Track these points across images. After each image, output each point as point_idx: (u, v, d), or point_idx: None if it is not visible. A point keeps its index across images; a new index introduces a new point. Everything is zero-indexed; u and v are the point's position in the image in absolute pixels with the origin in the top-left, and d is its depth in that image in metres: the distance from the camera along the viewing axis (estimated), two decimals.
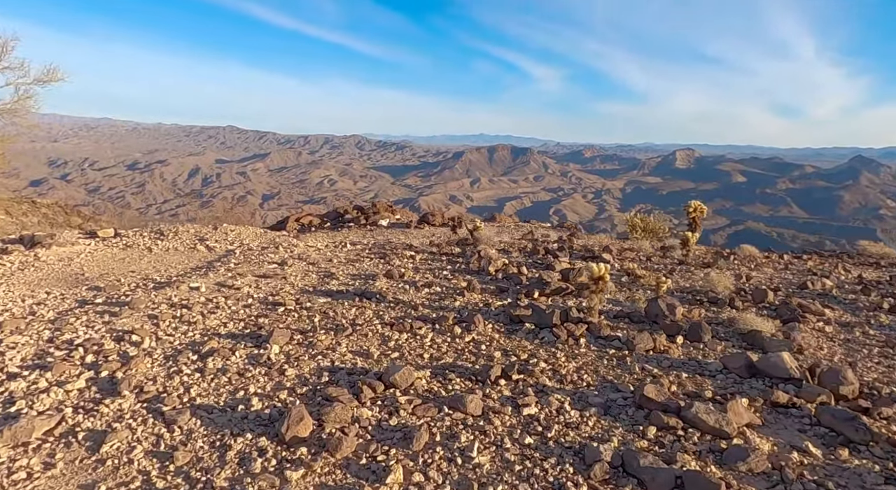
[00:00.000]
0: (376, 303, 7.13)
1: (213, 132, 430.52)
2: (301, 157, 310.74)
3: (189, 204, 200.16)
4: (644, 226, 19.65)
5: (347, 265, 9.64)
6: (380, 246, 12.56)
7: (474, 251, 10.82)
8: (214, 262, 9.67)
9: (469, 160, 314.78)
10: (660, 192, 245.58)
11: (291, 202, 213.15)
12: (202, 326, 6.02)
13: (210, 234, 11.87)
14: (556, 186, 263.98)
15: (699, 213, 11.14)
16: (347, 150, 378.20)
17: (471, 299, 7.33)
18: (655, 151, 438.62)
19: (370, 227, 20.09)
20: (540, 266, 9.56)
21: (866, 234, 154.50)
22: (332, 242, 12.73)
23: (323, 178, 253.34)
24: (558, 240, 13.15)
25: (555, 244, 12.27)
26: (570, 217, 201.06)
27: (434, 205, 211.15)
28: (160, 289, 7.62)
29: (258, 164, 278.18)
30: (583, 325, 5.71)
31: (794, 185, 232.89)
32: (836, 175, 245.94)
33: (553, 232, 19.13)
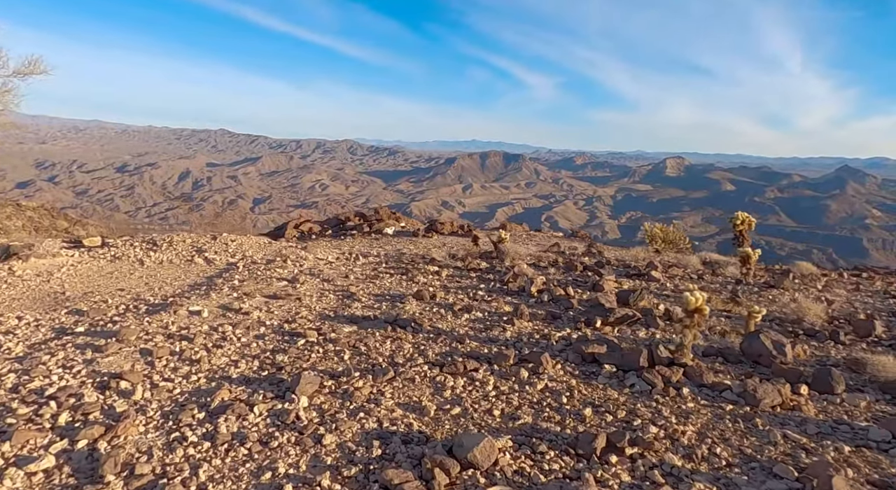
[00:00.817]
0: (412, 333, 6.02)
1: (205, 135, 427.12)
2: (293, 161, 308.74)
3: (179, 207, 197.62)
4: (664, 236, 18.72)
5: (367, 283, 8.51)
6: (395, 259, 11.44)
7: (506, 267, 9.74)
8: (215, 279, 8.51)
9: (461, 166, 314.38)
10: (650, 200, 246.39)
11: (283, 206, 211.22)
12: (208, 366, 4.88)
13: (209, 245, 10.69)
14: (548, 193, 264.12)
15: (747, 227, 10.14)
16: (339, 155, 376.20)
17: (522, 328, 6.24)
18: (646, 159, 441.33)
19: (375, 236, 18.96)
20: (584, 285, 8.49)
21: (853, 243, 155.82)
22: (342, 254, 11.60)
23: (315, 183, 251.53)
24: (588, 252, 12.11)
25: (587, 258, 11.22)
26: (561, 224, 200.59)
27: (426, 210, 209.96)
28: (154, 313, 6.46)
29: (250, 168, 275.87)
30: (677, 369, 4.63)
31: (782, 194, 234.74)
32: (822, 184, 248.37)
33: (571, 242, 18.12)
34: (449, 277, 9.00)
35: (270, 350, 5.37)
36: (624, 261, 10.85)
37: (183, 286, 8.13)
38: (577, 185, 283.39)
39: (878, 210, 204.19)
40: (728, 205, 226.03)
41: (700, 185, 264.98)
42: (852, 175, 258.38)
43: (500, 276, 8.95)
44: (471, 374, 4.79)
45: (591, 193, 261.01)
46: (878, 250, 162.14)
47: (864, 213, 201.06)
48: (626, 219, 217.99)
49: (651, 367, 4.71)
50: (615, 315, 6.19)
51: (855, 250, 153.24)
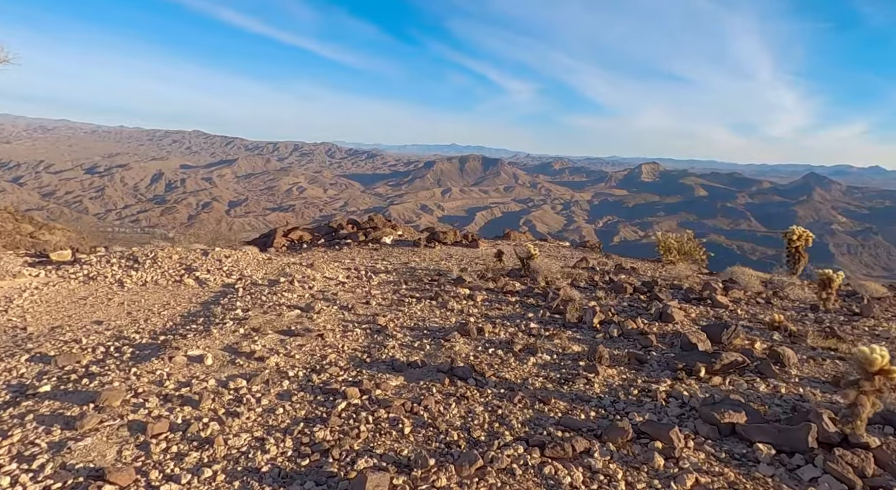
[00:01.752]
0: (477, 387, 4.78)
1: (179, 136, 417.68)
2: (269, 163, 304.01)
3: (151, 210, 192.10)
4: (679, 248, 17.79)
5: (393, 311, 7.23)
6: (410, 276, 10.18)
7: (542, 287, 8.56)
8: (213, 307, 7.12)
9: (440, 170, 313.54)
10: (626, 205, 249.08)
11: (259, 209, 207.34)
12: (224, 450, 3.56)
13: (199, 262, 9.24)
14: (526, 197, 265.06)
15: (804, 243, 9.15)
16: (317, 158, 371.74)
17: (609, 378, 5.04)
18: (622, 165, 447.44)
19: (373, 246, 17.63)
20: (646, 313, 7.36)
21: (820, 248, 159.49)
22: (350, 271, 10.28)
23: (292, 186, 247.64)
24: (620, 268, 11.01)
25: (624, 275, 10.11)
26: (539, 228, 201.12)
27: (405, 214, 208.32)
28: (143, 359, 5.09)
29: (225, 170, 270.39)
30: (865, 455, 3.47)
31: (753, 200, 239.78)
32: (790, 191, 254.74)
33: (584, 253, 17.06)
34: (486, 303, 7.78)
35: (303, 419, 4.07)
36: (669, 280, 9.78)
37: (174, 317, 6.73)
38: (555, 190, 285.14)
39: (843, 216, 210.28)
40: (701, 210, 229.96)
41: (674, 190, 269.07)
42: (819, 182, 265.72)
43: (545, 302, 7.76)
44: (584, 459, 3.57)
45: (569, 198, 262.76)
46: (844, 255, 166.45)
47: (830, 218, 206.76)
48: (603, 223, 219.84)
49: (827, 449, 3.55)
50: (721, 360, 5.04)
51: (822, 255, 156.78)
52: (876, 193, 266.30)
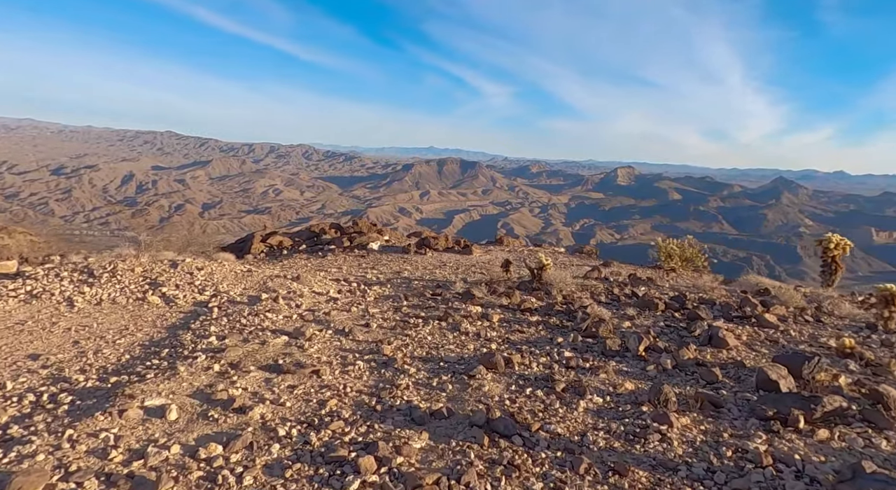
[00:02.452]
0: (526, 447, 3.69)
1: (150, 137, 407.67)
2: (245, 165, 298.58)
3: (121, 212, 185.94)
4: (681, 254, 17.00)
5: (398, 335, 6.10)
6: (408, 288, 9.06)
7: (562, 303, 7.53)
8: (181, 333, 5.89)
9: (418, 173, 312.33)
10: (603, 208, 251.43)
11: (234, 212, 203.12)
12: None
13: (167, 275, 7.96)
14: (504, 200, 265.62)
15: (842, 251, 8.31)
16: (294, 160, 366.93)
17: (687, 431, 4.00)
18: (598, 168, 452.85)
19: (359, 252, 16.43)
20: (690, 335, 6.37)
21: (788, 251, 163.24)
22: (340, 283, 9.12)
23: (268, 188, 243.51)
24: (636, 279, 10.05)
25: (647, 288, 9.16)
26: (517, 230, 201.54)
27: (383, 217, 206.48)
28: (84, 415, 3.87)
29: (199, 172, 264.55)
30: None
31: (724, 204, 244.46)
32: (760, 195, 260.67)
33: (582, 259, 16.14)
34: (504, 324, 6.69)
35: None
36: (694, 292, 8.84)
37: (132, 348, 5.49)
38: (533, 193, 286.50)
39: (810, 219, 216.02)
40: (675, 213, 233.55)
41: (649, 193, 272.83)
42: (787, 186, 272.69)
43: (572, 322, 6.71)
44: None
45: (546, 201, 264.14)
46: (811, 257, 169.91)
47: (798, 221, 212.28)
48: (580, 226, 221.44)
49: None
50: (822, 407, 4.05)
51: (789, 257, 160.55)
52: (841, 197, 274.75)
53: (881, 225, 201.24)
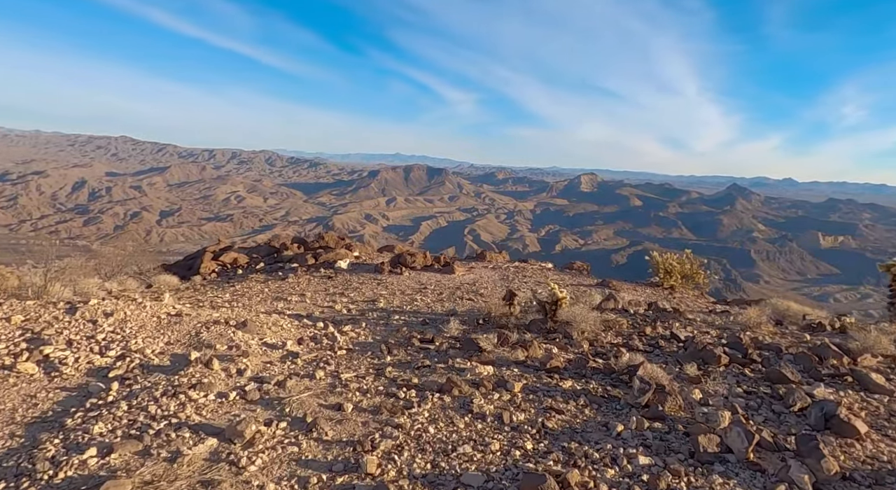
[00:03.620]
0: None
1: (104, 142, 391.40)
2: (205, 171, 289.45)
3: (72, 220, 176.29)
4: (681, 270, 15.57)
5: (388, 427, 4.16)
6: (392, 330, 7.18)
7: (592, 355, 5.76)
8: (44, 440, 3.78)
9: (385, 179, 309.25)
10: (567, 214, 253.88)
11: (194, 219, 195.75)
12: None
13: (58, 325, 5.79)
14: (471, 207, 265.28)
15: None
16: (257, 166, 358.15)
17: None
18: (562, 175, 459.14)
19: (326, 272, 14.38)
20: (786, 412, 4.66)
21: (743, 255, 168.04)
22: (303, 325, 7.16)
23: (230, 195, 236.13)
24: (658, 311, 8.40)
25: (678, 323, 7.49)
26: (484, 237, 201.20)
27: (349, 224, 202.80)
28: None
29: (156, 178, 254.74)
30: None
31: (683, 209, 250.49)
32: (716, 201, 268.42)
33: (574, 278, 14.50)
34: (531, 396, 4.83)
35: None
36: (745, 330, 7.21)
37: None
38: (499, 199, 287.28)
39: (763, 224, 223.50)
40: (637, 219, 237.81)
41: (611, 200, 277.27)
42: (740, 192, 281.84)
43: (623, 390, 4.92)
44: None
45: (512, 207, 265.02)
46: (764, 261, 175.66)
47: (751, 226, 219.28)
48: (546, 232, 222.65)
49: None
50: None
51: (744, 261, 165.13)
52: (790, 203, 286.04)
53: (827, 230, 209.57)
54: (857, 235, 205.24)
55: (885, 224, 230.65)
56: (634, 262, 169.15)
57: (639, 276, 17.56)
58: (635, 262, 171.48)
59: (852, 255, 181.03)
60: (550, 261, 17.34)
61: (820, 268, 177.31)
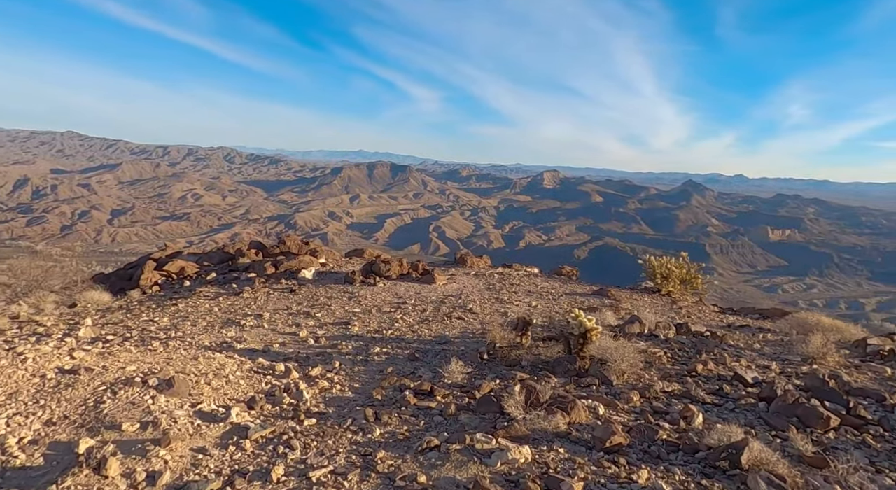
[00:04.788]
0: None
1: (48, 138, 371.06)
2: (160, 168, 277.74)
3: (14, 219, 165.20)
4: (679, 275, 14.37)
5: None
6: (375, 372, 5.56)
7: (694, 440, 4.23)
8: None
9: (348, 176, 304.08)
10: (530, 210, 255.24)
11: (148, 218, 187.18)
12: None
13: None
14: (436, 204, 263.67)
15: None
16: (215, 163, 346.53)
17: None
18: (525, 172, 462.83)
19: (287, 284, 12.54)
20: None
21: (698, 249, 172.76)
22: (256, 368, 5.46)
23: (186, 193, 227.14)
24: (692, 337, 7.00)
25: (732, 358, 6.09)
26: (449, 234, 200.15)
27: (312, 222, 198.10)
28: None
29: (106, 176, 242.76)
30: None
31: (642, 205, 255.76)
32: (673, 197, 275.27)
33: (570, 284, 13.09)
34: None
35: None
36: (808, 362, 5.87)
37: None
38: (463, 196, 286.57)
39: (716, 219, 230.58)
40: (598, 215, 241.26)
41: (573, 196, 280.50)
42: (695, 189, 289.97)
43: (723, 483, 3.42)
44: None
45: (476, 204, 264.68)
46: (718, 255, 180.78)
47: (706, 221, 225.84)
48: (510, 228, 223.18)
49: None
50: None
51: (699, 255, 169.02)
52: (741, 199, 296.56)
53: (775, 224, 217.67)
54: (802, 229, 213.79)
55: (828, 218, 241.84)
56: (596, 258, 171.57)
57: (601, 272, 16.49)
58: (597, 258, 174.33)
59: (798, 248, 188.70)
60: (516, 258, 16.07)
61: (769, 260, 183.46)
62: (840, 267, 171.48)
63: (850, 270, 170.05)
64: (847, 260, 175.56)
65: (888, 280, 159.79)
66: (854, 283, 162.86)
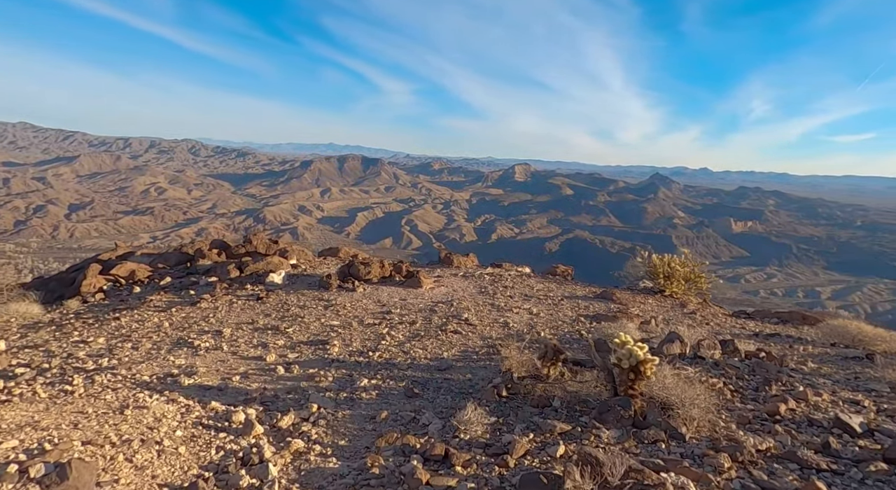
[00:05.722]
0: None
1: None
2: (120, 161, 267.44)
3: None
4: (683, 274, 13.37)
5: None
6: (384, 450, 4.24)
7: None
8: None
9: (318, 169, 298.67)
10: (502, 203, 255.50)
11: (109, 213, 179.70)
12: None
13: None
14: (408, 197, 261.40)
15: None
16: (179, 156, 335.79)
17: None
18: (497, 165, 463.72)
19: (253, 290, 11.02)
20: None
21: (665, 240, 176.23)
22: (207, 420, 4.12)
23: (150, 186, 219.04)
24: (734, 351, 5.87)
25: (801, 389, 4.96)
26: (421, 227, 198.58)
27: (281, 216, 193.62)
28: None
29: (63, 169, 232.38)
30: None
31: (611, 198, 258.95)
32: (641, 190, 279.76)
33: (565, 284, 11.90)
34: None
35: None
36: (885, 384, 4.78)
37: None
38: (435, 190, 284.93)
39: (682, 211, 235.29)
40: (568, 208, 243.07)
41: (544, 189, 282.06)
42: (662, 182, 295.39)
43: None
44: None
45: (449, 197, 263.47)
46: (684, 246, 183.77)
47: (672, 214, 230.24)
48: (482, 221, 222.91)
49: None
50: None
51: (667, 247, 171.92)
52: (706, 192, 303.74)
53: (738, 216, 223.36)
54: (763, 221, 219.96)
55: (787, 210, 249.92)
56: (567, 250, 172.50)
57: (572, 264, 15.56)
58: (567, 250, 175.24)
59: (759, 239, 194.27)
60: (488, 252, 14.94)
61: (732, 251, 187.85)
62: (798, 257, 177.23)
63: (807, 260, 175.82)
64: (804, 250, 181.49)
65: (842, 269, 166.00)
66: (811, 272, 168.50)
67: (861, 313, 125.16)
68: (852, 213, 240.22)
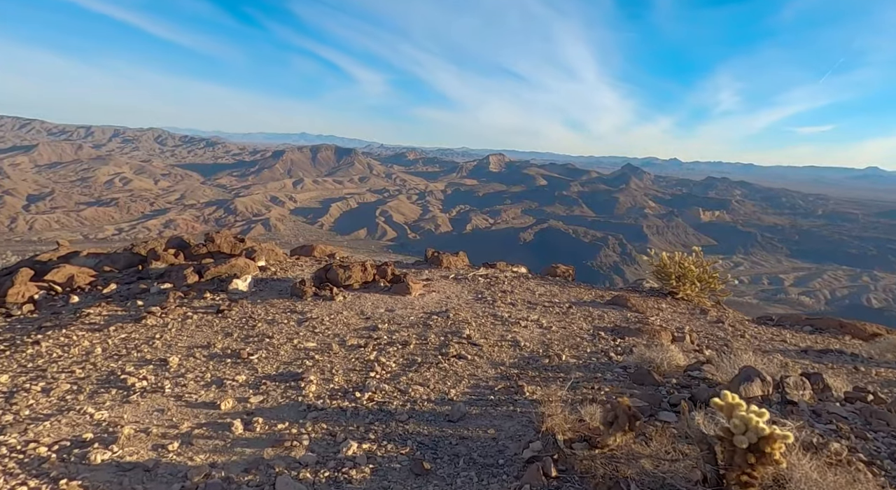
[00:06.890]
0: None
1: None
2: (82, 150, 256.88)
3: None
4: (696, 274, 12.16)
5: None
6: None
7: None
8: None
9: (291, 160, 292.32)
10: (477, 194, 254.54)
11: (71, 204, 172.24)
12: None
13: None
14: (382, 188, 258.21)
15: None
16: (145, 145, 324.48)
17: None
18: (471, 156, 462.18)
19: (213, 300, 9.40)
20: None
21: (636, 230, 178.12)
22: None
23: (114, 176, 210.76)
24: (826, 390, 4.61)
25: None
26: (396, 218, 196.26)
27: (253, 207, 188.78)
28: None
29: (20, 158, 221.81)
30: None
31: (584, 188, 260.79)
32: (613, 180, 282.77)
33: (567, 287, 10.58)
34: None
35: None
36: None
37: None
38: (410, 180, 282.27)
39: (653, 201, 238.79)
40: (542, 198, 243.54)
41: (518, 180, 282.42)
42: (634, 172, 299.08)
43: None
44: None
45: (423, 188, 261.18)
46: (655, 235, 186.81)
47: (643, 204, 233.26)
48: (457, 212, 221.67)
49: None
50: None
51: (638, 236, 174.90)
52: (676, 182, 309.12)
53: (706, 206, 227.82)
54: (730, 210, 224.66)
55: (753, 199, 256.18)
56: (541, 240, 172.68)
57: (547, 254, 14.45)
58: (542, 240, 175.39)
59: (726, 228, 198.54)
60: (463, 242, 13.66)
61: (701, 240, 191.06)
62: (762, 245, 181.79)
63: (771, 248, 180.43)
64: (769, 238, 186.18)
65: (804, 257, 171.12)
66: (775, 259, 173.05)
67: (821, 299, 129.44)
68: (814, 203, 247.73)
